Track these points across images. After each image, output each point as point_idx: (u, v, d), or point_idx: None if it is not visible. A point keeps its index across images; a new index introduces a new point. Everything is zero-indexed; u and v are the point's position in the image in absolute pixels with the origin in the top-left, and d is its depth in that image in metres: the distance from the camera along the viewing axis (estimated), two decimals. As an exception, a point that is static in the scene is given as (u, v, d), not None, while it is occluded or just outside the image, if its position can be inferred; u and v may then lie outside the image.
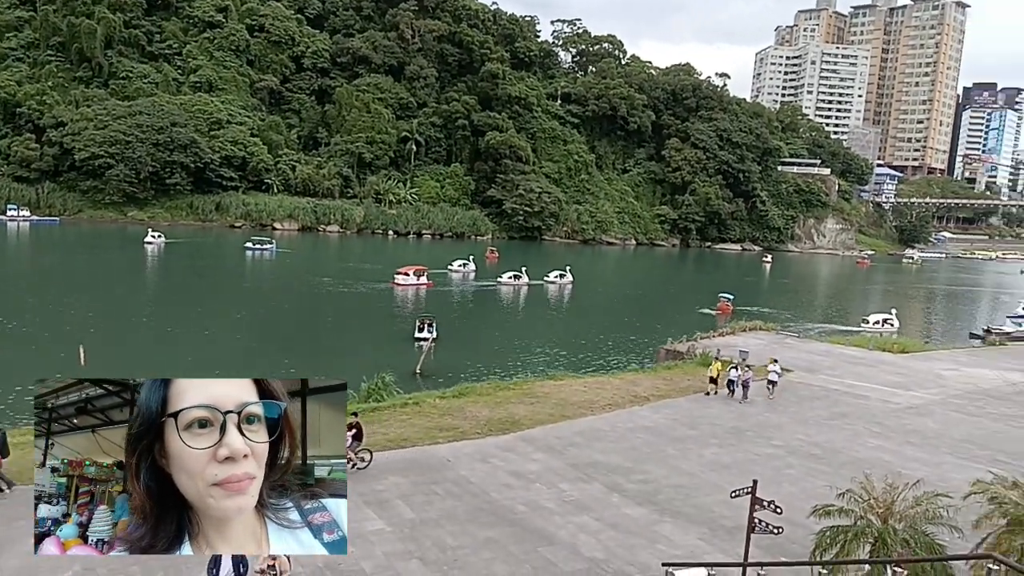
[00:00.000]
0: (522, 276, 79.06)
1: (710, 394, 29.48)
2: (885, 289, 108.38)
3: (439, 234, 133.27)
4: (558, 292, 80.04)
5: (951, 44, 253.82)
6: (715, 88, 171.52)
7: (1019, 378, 36.98)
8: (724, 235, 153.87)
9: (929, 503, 12.34)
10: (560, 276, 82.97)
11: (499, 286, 77.50)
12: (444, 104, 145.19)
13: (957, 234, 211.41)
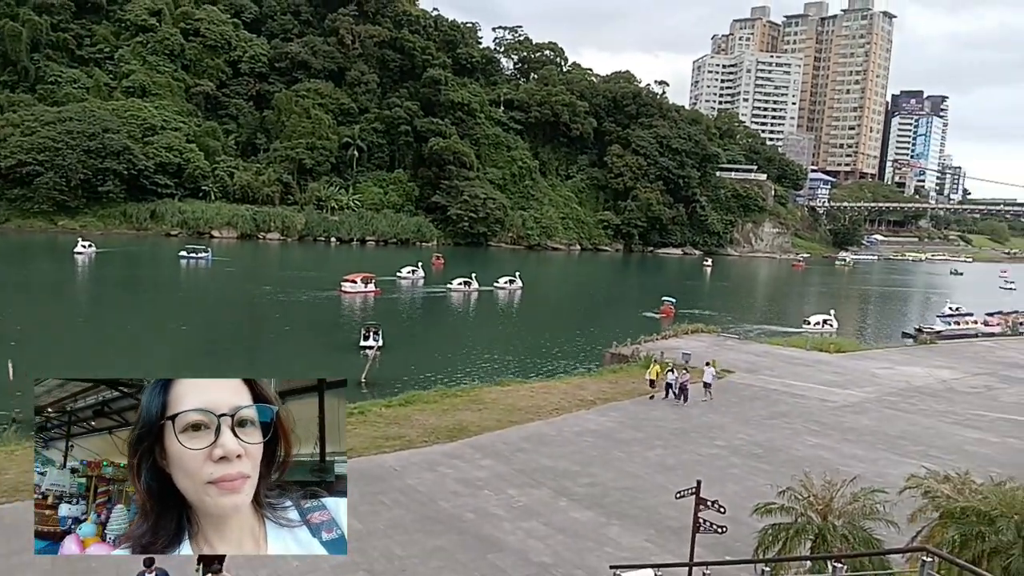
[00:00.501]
0: (472, 282, 79.00)
1: (653, 398, 29.80)
2: (820, 291, 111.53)
3: (383, 241, 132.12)
4: (508, 298, 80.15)
5: (880, 53, 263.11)
6: (655, 96, 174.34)
7: (949, 375, 38.42)
8: (666, 240, 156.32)
9: (866, 499, 12.70)
10: (510, 282, 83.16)
11: (449, 292, 77.23)
12: (386, 110, 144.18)
13: (888, 237, 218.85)
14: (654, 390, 30.05)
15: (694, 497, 13.90)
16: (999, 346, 50.69)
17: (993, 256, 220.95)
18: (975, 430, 28.24)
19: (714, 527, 13.60)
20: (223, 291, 71.02)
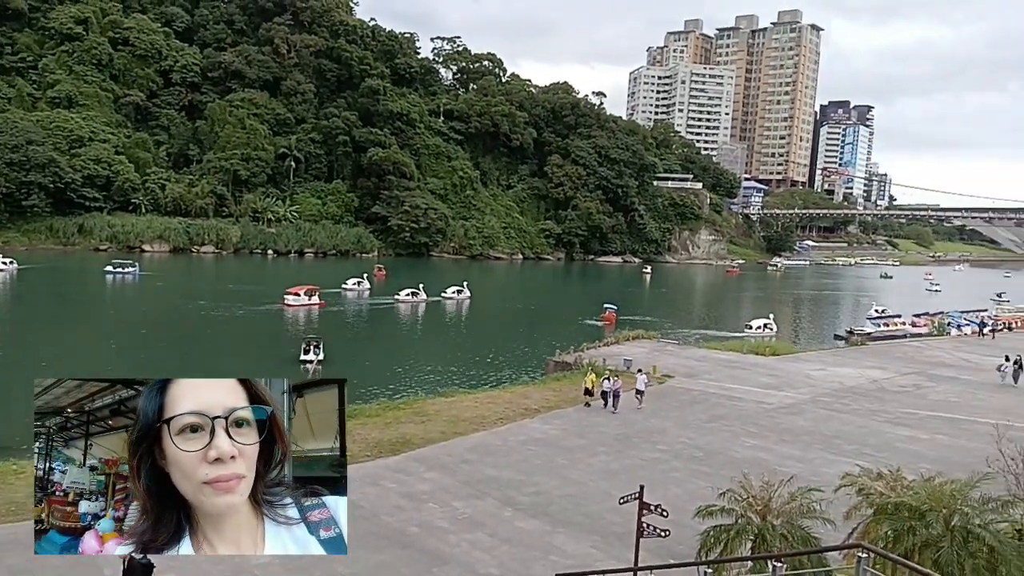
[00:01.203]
0: (419, 293, 78.44)
1: (589, 405, 29.69)
2: (755, 296, 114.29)
3: (322, 252, 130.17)
4: (456, 308, 79.90)
5: (808, 65, 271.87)
6: (592, 106, 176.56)
7: (880, 375, 39.71)
8: (606, 248, 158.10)
9: (803, 498, 12.98)
10: (458, 292, 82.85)
11: (397, 303, 76.51)
12: (324, 120, 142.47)
13: (819, 242, 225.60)
14: (590, 398, 29.95)
15: (637, 502, 13.99)
16: (926, 346, 52.62)
17: (919, 260, 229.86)
18: (905, 428, 29.23)
19: (657, 531, 13.72)
20: (153, 307, 68.75)
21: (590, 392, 30.02)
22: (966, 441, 26.56)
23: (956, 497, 11.67)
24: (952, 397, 35.24)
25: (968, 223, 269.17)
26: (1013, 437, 17.91)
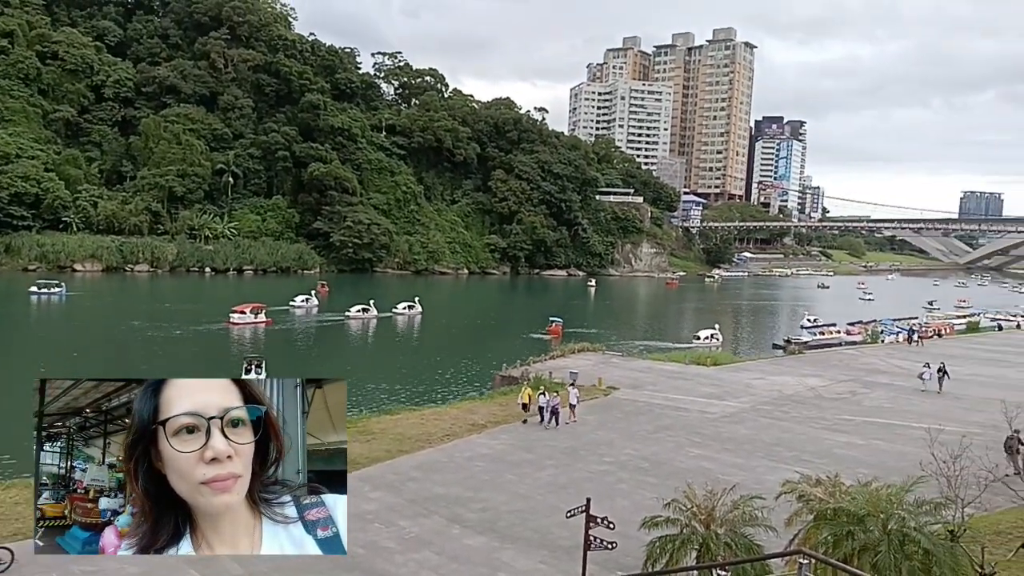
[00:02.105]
0: (370, 309, 77.75)
1: (526, 421, 29.30)
2: (696, 307, 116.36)
3: (262, 269, 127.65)
4: (407, 323, 79.30)
5: (743, 81, 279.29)
6: (535, 122, 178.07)
7: (817, 383, 40.70)
8: (551, 262, 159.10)
9: (746, 506, 13.20)
10: (409, 307, 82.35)
11: (347, 320, 75.60)
12: (263, 135, 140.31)
13: (756, 254, 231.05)
14: (527, 413, 29.62)
15: (584, 515, 14.02)
16: (861, 353, 54.12)
17: (852, 269, 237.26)
18: (843, 434, 29.99)
19: (604, 543, 13.76)
20: (84, 329, 66.30)
21: (526, 407, 29.71)
22: (900, 446, 27.36)
23: (892, 501, 12.01)
24: (886, 403, 36.31)
25: (898, 234, 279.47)
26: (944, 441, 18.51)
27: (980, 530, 17.93)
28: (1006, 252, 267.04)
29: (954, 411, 34.13)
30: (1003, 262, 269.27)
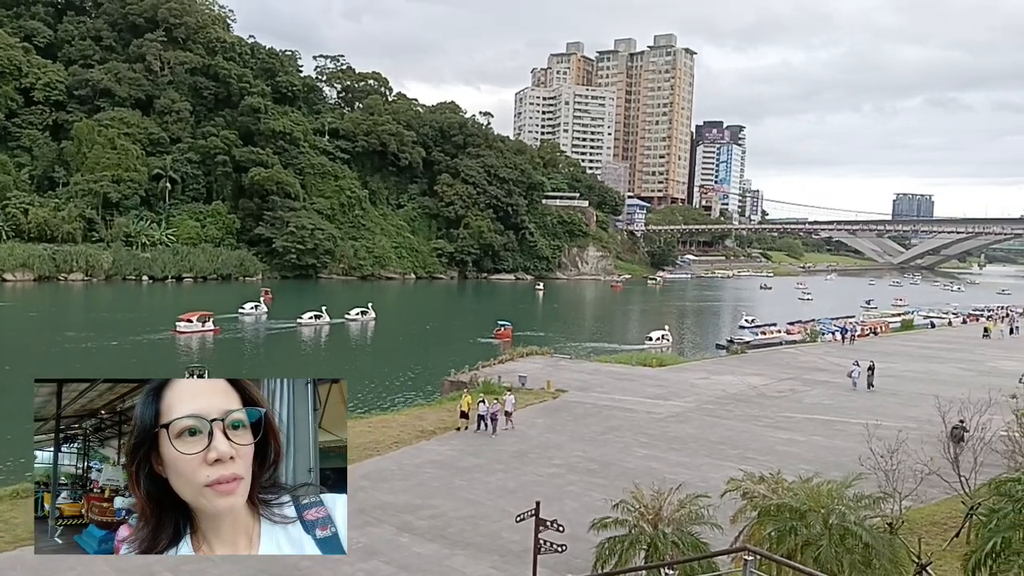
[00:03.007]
0: (323, 315, 76.86)
1: (460, 429, 28.76)
2: (642, 309, 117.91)
3: (202, 277, 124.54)
4: (360, 330, 78.41)
5: (683, 87, 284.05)
6: (480, 126, 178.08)
7: (759, 382, 41.60)
8: (498, 266, 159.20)
9: (692, 505, 13.38)
10: (362, 313, 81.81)
11: (300, 327, 74.54)
12: (201, 139, 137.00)
13: (699, 256, 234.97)
14: (466, 421, 29.08)
15: (534, 519, 14.02)
16: (801, 352, 55.51)
17: (791, 270, 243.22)
18: (785, 431, 30.70)
19: (554, 547, 13.79)
20: (13, 340, 63.66)
21: (465, 415, 29.14)
22: (840, 441, 28.13)
23: (832, 496, 12.32)
24: (825, 400, 37.31)
25: (834, 235, 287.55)
26: (882, 436, 19.13)
27: (917, 522, 18.57)
28: (937, 252, 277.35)
29: (890, 407, 35.26)
30: (935, 261, 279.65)
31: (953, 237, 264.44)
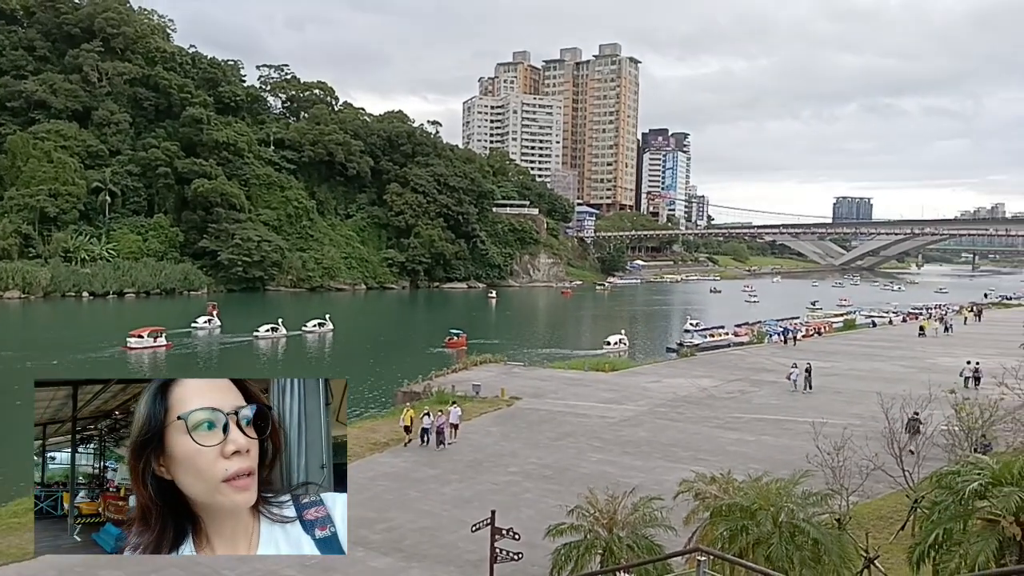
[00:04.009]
0: (279, 328, 76.02)
1: (408, 443, 28.08)
2: (594, 314, 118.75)
3: (145, 292, 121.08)
4: (318, 341, 77.48)
5: (629, 95, 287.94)
6: (429, 135, 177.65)
7: (709, 383, 42.23)
8: (450, 275, 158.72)
9: (645, 507, 13.48)
10: (319, 325, 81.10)
11: (256, 340, 73.62)
12: (142, 151, 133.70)
13: (648, 262, 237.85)
14: (409, 435, 28.41)
15: (489, 528, 13.97)
16: (748, 354, 56.58)
17: (737, 274, 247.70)
18: (734, 431, 31.20)
19: (511, 555, 13.75)
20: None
21: (409, 429, 28.46)
22: (788, 440, 28.70)
23: (781, 494, 12.54)
24: (773, 400, 38.05)
25: (778, 238, 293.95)
26: (828, 433, 19.57)
27: (864, 516, 19.03)
28: (876, 253, 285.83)
29: (835, 404, 36.13)
30: (874, 262, 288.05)
31: (891, 239, 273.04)
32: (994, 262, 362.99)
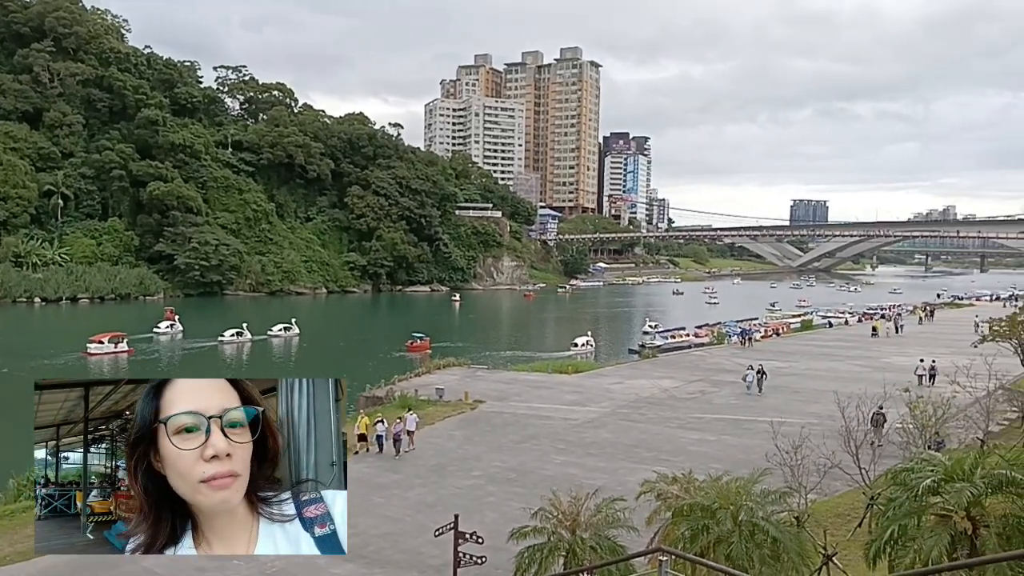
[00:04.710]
0: (244, 332, 75.39)
1: (358, 452, 27.23)
2: (557, 316, 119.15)
3: (99, 297, 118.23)
4: (284, 346, 76.57)
5: (590, 99, 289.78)
6: (390, 137, 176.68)
7: (670, 384, 42.63)
8: (413, 278, 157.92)
9: (608, 508, 13.54)
10: (285, 329, 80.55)
11: (221, 345, 72.93)
12: (96, 153, 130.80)
13: (610, 264, 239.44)
14: (364, 444, 27.81)
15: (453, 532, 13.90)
16: (708, 354, 57.27)
17: (698, 276, 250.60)
18: (695, 431, 31.54)
19: (474, 559, 13.71)
20: None
21: (364, 438, 27.90)
22: (748, 440, 29.09)
23: (741, 493, 12.69)
24: (733, 400, 38.54)
25: (737, 241, 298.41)
26: (786, 433, 19.87)
27: (822, 514, 19.35)
28: (833, 255, 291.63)
29: (793, 404, 36.73)
30: (830, 264, 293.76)
31: (847, 240, 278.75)
32: (946, 263, 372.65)
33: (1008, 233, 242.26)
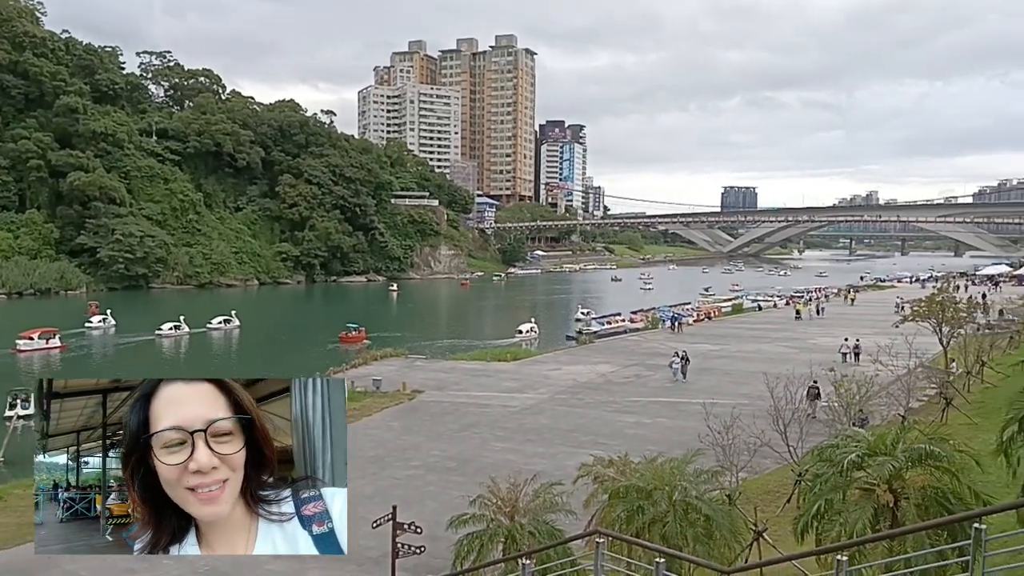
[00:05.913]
0: (182, 325, 73.88)
1: None
2: (496, 304, 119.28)
3: (16, 292, 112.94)
4: (224, 339, 74.75)
5: (525, 87, 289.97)
6: (323, 125, 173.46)
7: (607, 369, 43.21)
8: (348, 268, 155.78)
9: (546, 493, 13.63)
10: (225, 322, 79.23)
11: (159, 339, 71.25)
12: (11, 143, 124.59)
13: (548, 252, 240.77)
14: None
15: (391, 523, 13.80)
16: (644, 339, 58.25)
17: (633, 262, 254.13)
18: (632, 415, 32.05)
19: (413, 549, 13.65)
20: None
21: None
22: (682, 421, 29.71)
23: (675, 474, 12.94)
24: (667, 383, 39.31)
25: (670, 227, 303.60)
26: (718, 413, 20.35)
27: (753, 491, 19.91)
28: (762, 240, 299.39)
29: (725, 385, 37.67)
30: (760, 249, 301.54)
31: (775, 226, 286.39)
32: (869, 247, 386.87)
33: (927, 217, 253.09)
